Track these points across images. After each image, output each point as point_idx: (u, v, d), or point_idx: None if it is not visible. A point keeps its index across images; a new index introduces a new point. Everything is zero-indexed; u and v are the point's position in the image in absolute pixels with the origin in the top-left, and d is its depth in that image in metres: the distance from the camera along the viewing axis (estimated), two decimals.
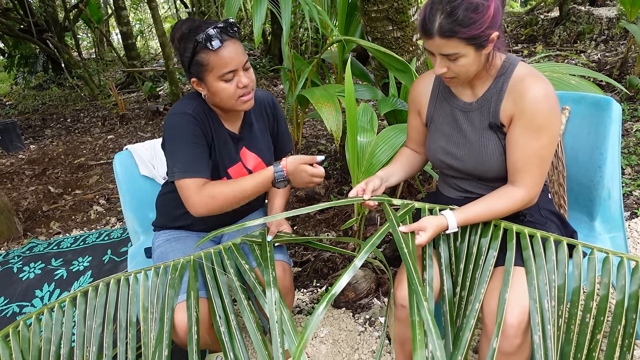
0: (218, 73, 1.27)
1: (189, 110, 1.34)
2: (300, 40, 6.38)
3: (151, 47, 14.89)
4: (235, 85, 1.30)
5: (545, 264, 1.10)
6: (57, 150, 5.26)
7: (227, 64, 1.26)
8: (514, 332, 1.08)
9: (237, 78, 1.29)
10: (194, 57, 1.26)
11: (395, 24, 2.33)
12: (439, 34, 1.08)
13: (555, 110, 1.14)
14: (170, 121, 1.34)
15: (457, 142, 1.30)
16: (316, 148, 3.88)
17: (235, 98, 1.31)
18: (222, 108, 1.38)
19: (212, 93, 1.32)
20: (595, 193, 1.47)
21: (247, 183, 1.30)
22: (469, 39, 1.08)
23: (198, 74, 1.29)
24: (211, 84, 1.30)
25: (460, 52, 1.10)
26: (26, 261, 2.76)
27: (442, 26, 1.07)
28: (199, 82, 1.33)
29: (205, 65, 1.26)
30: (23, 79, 9.87)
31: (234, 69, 1.27)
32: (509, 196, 1.19)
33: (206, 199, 1.28)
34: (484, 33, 1.07)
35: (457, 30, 1.06)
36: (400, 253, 1.15)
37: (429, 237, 1.18)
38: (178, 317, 1.24)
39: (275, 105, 1.57)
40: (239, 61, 1.28)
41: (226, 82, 1.29)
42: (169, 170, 1.36)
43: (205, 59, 1.25)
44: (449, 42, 1.09)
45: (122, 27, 8.60)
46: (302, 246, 2.45)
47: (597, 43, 5.67)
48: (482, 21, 1.06)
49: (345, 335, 1.84)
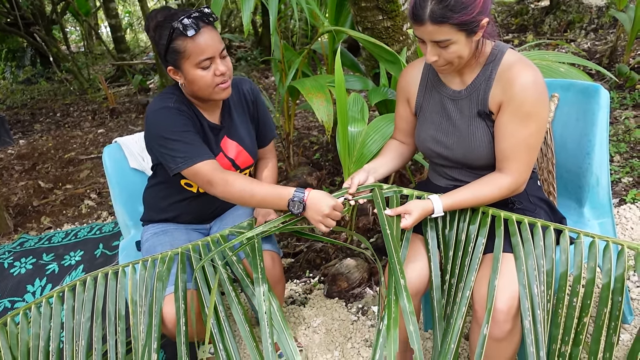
0: (195, 60, 1.25)
1: (170, 104, 1.32)
2: (291, 32, 6.34)
3: (141, 39, 14.72)
4: (213, 73, 1.28)
5: (533, 249, 1.11)
6: (46, 145, 5.21)
7: (203, 51, 1.25)
8: (504, 318, 1.09)
9: (214, 66, 1.28)
10: (170, 45, 1.25)
11: (385, 14, 2.32)
12: (431, 20, 1.08)
13: (543, 97, 1.14)
14: (154, 118, 1.32)
15: (447, 130, 1.30)
16: (308, 139, 3.87)
17: (212, 86, 1.30)
18: (200, 98, 1.37)
19: (189, 81, 1.30)
20: (584, 180, 1.48)
21: (261, 187, 1.30)
22: (461, 25, 1.07)
23: (174, 61, 1.28)
24: (188, 72, 1.28)
25: (452, 39, 1.10)
26: (17, 256, 2.74)
27: (433, 12, 1.06)
28: (175, 71, 1.31)
29: (181, 53, 1.25)
30: (11, 73, 9.72)
31: (210, 56, 1.26)
32: (496, 183, 1.20)
33: (224, 179, 1.29)
34: (475, 19, 1.07)
35: (449, 16, 1.06)
36: (383, 234, 1.16)
37: (415, 220, 1.20)
38: (166, 310, 1.24)
39: (254, 91, 1.55)
40: (216, 48, 1.27)
41: (203, 69, 1.27)
42: (167, 166, 1.34)
43: (181, 46, 1.24)
44: (440, 29, 1.08)
45: (110, 20, 8.48)
46: (295, 237, 2.45)
47: (587, 32, 5.69)
48: (473, 6, 1.05)
49: (338, 325, 1.84)
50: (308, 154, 3.53)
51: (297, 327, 1.87)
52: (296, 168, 2.91)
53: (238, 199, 1.31)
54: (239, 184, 1.29)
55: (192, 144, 1.30)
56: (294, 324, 1.89)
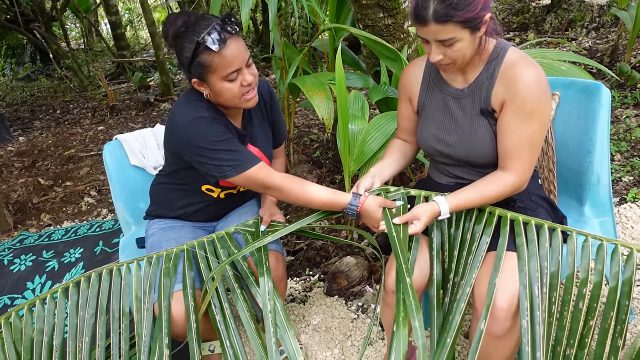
0: (222, 74, 1.21)
1: (203, 113, 1.29)
2: (292, 29, 6.33)
3: (141, 37, 14.70)
4: (240, 84, 1.25)
5: (537, 250, 1.11)
6: (46, 142, 5.21)
7: (231, 64, 1.21)
8: (504, 315, 1.09)
9: (241, 77, 1.24)
10: (195, 59, 1.20)
11: (386, 11, 2.31)
12: (435, 20, 1.07)
13: (546, 95, 1.14)
14: (191, 128, 1.27)
15: (449, 128, 1.30)
16: (308, 137, 3.87)
17: (239, 97, 1.27)
18: (224, 106, 1.34)
19: (215, 93, 1.27)
20: (585, 178, 1.48)
21: (316, 195, 1.32)
22: (465, 22, 1.07)
23: (199, 75, 1.23)
24: (214, 84, 1.24)
25: (457, 37, 1.09)
26: (17, 253, 2.74)
27: (437, 11, 1.06)
28: (200, 83, 1.27)
29: (208, 67, 1.20)
30: (10, 70, 9.70)
31: (238, 68, 1.23)
32: (500, 181, 1.20)
33: (279, 184, 1.31)
34: (478, 15, 1.07)
35: (453, 14, 1.05)
36: (390, 240, 1.16)
37: (424, 225, 1.20)
38: (174, 307, 1.23)
39: (271, 94, 1.53)
40: (242, 59, 1.23)
41: (230, 82, 1.23)
42: (209, 174, 1.31)
43: (207, 60, 1.19)
44: (444, 27, 1.08)
45: (110, 17, 8.46)
46: (295, 235, 2.45)
47: (588, 30, 5.68)
48: (476, 2, 1.05)
49: (338, 323, 1.85)
50: (308, 151, 3.53)
51: (296, 325, 1.88)
52: (296, 166, 2.91)
53: (296, 197, 1.34)
54: (294, 190, 1.32)
55: (238, 151, 1.29)
56: (293, 322, 1.89)
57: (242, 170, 1.27)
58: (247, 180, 1.30)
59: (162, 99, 6.31)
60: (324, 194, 1.32)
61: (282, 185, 1.31)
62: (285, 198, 1.35)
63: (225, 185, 1.47)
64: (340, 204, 1.31)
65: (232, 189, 1.50)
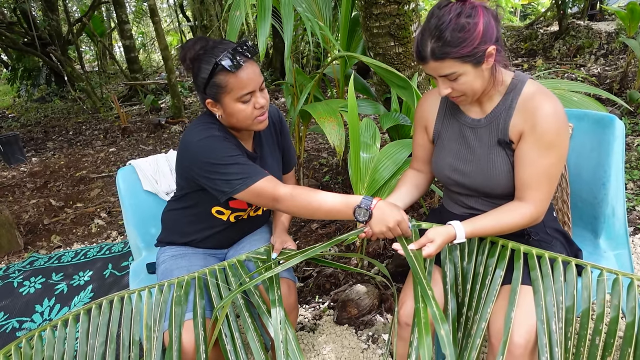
0: (236, 95, 1.26)
1: (215, 132, 1.32)
2: (302, 54, 6.43)
3: (153, 60, 15.00)
4: (252, 106, 1.29)
5: (553, 284, 1.09)
6: (58, 162, 5.27)
7: (245, 86, 1.25)
8: (521, 352, 1.07)
9: (254, 99, 1.29)
10: (211, 79, 1.25)
11: (397, 40, 2.35)
12: (432, 58, 1.11)
13: (564, 127, 1.15)
14: (202, 146, 1.30)
15: (465, 158, 1.30)
16: (318, 162, 3.89)
17: (252, 119, 1.31)
18: (236, 128, 1.37)
19: (228, 114, 1.31)
20: (600, 210, 1.46)
21: (326, 197, 1.28)
22: (463, 57, 1.09)
23: (214, 95, 1.28)
24: (228, 105, 1.29)
25: (458, 71, 1.12)
26: (27, 276, 2.75)
27: (433, 50, 1.10)
28: (214, 103, 1.31)
29: (223, 87, 1.25)
30: (26, 91, 9.92)
31: (251, 91, 1.27)
32: (518, 211, 1.19)
33: (289, 193, 1.28)
34: (477, 49, 1.08)
35: (449, 51, 1.08)
36: (412, 270, 1.14)
37: (438, 247, 1.18)
38: (185, 337, 1.22)
39: (281, 120, 1.57)
40: (257, 82, 1.28)
41: (244, 103, 1.28)
42: (219, 190, 1.31)
43: (223, 81, 1.24)
44: (443, 64, 1.11)
45: (124, 41, 8.67)
46: (304, 261, 2.44)
47: (597, 57, 5.71)
48: (471, 39, 1.07)
49: (348, 353, 1.82)
50: (318, 176, 3.54)
51: (306, 354, 1.85)
52: None
53: (305, 212, 1.31)
54: (305, 197, 1.28)
55: (247, 164, 1.30)
56: (303, 351, 1.87)
57: (251, 182, 1.27)
58: (257, 193, 1.29)
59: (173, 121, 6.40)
60: (334, 196, 1.29)
61: (291, 193, 1.28)
62: (296, 207, 1.30)
63: (235, 207, 1.47)
64: (352, 203, 1.25)
65: (241, 212, 1.51)
